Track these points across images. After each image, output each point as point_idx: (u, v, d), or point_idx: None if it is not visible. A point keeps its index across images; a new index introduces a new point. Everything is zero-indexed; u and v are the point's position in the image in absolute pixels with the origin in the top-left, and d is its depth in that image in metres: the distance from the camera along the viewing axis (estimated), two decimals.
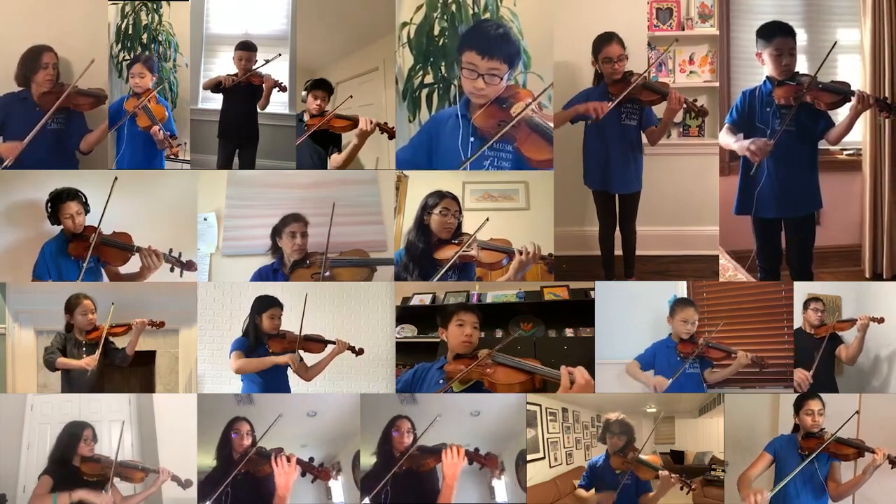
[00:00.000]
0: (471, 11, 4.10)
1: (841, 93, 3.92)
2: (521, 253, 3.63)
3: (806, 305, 4.07)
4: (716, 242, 4.23)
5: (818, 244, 4.21)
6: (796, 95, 3.93)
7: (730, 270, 4.25)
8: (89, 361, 3.83)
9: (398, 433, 3.72)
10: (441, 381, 3.45)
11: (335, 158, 3.96)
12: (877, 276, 4.71)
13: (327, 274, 3.84)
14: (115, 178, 3.85)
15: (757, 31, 4.07)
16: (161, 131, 3.98)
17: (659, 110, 4.13)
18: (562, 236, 4.09)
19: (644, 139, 4.19)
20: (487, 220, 3.73)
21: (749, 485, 3.72)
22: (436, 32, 4.10)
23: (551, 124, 3.55)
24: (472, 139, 3.51)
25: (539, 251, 3.64)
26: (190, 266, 3.89)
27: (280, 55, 4.14)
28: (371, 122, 3.84)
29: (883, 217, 4.70)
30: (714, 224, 4.20)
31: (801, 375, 3.97)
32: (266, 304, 3.88)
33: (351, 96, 4.05)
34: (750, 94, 4.11)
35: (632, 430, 3.84)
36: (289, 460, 3.69)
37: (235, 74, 4.12)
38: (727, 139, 4.11)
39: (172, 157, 4.05)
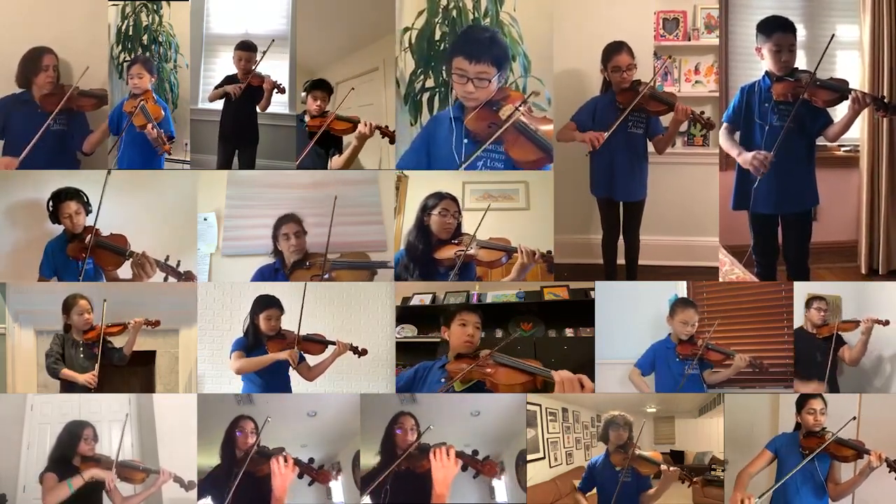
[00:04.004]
0: (471, 16, 4.10)
1: (838, 90, 3.92)
2: (520, 252, 3.64)
3: (809, 304, 4.07)
4: (717, 254, 4.22)
5: (814, 240, 4.22)
6: (794, 92, 3.93)
7: (726, 265, 4.26)
8: (90, 379, 3.81)
9: (402, 430, 3.70)
10: (442, 381, 3.47)
11: (336, 161, 3.96)
12: (873, 273, 4.73)
13: (327, 276, 3.84)
14: (108, 172, 3.83)
15: (757, 26, 4.06)
16: (154, 128, 3.95)
17: (665, 120, 4.13)
18: (564, 244, 4.08)
19: (650, 147, 4.19)
20: (490, 205, 3.79)
21: (746, 482, 3.72)
22: (437, 37, 4.10)
23: (546, 127, 3.54)
24: (465, 141, 3.52)
25: (539, 253, 3.65)
26: (188, 278, 3.87)
27: (274, 41, 4.11)
28: (370, 126, 3.85)
29: (879, 213, 4.71)
30: (717, 235, 4.19)
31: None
32: (264, 305, 3.86)
33: (353, 88, 4.05)
34: (748, 90, 4.11)
35: (632, 425, 3.85)
36: (286, 461, 3.68)
37: (236, 76, 4.11)
38: (726, 142, 4.11)
39: (165, 153, 4.02)
